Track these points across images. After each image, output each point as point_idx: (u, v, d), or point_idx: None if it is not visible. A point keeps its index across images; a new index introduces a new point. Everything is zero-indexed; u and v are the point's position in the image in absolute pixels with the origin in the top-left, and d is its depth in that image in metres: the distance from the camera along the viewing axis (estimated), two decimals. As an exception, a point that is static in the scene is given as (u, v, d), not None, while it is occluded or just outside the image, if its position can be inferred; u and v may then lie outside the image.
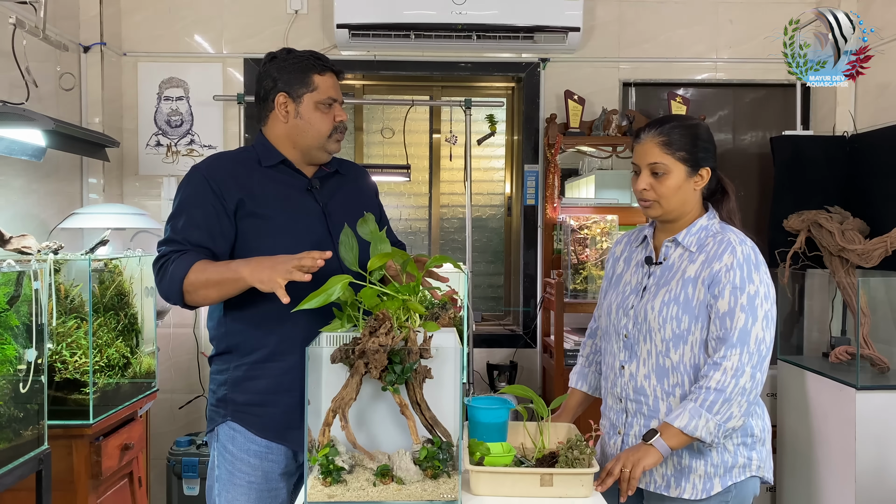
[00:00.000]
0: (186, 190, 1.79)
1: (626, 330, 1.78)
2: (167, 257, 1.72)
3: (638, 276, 1.81)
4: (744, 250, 1.68)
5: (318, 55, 1.85)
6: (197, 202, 1.76)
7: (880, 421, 2.71)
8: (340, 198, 1.89)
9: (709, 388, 1.60)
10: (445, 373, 1.53)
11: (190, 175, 1.82)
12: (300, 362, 1.68)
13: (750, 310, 1.62)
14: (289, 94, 1.81)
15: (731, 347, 1.61)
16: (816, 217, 3.08)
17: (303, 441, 1.65)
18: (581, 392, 1.99)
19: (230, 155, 1.90)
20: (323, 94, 1.81)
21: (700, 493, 1.68)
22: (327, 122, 1.82)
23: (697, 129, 1.75)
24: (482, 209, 3.93)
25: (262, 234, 1.77)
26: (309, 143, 1.83)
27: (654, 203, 1.75)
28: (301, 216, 1.81)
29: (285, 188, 1.82)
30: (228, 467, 1.79)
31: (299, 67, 1.80)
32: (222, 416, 1.81)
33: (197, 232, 1.74)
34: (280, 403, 1.77)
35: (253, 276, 1.60)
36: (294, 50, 1.86)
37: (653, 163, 1.72)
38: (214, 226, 1.75)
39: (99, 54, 3.31)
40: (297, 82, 1.80)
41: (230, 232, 1.76)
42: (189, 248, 1.72)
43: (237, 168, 1.82)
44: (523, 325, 3.69)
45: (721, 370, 1.60)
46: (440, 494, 1.40)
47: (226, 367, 1.82)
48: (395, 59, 3.63)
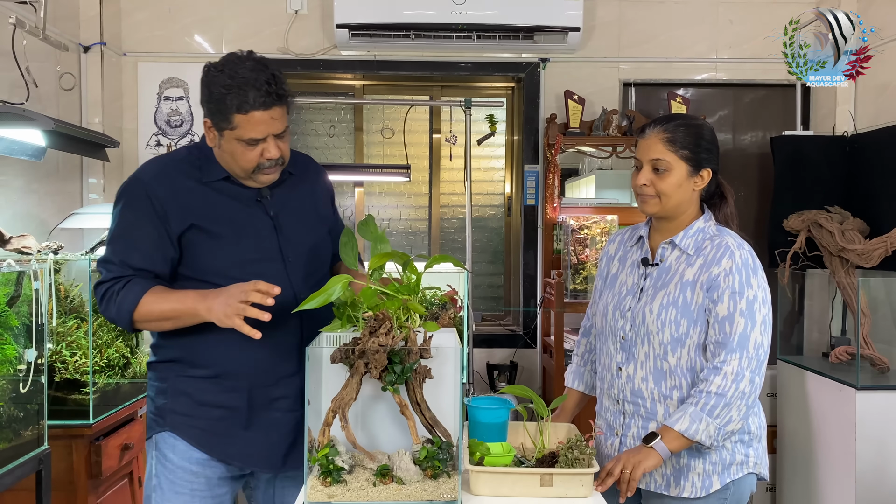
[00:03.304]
0: (127, 209, 1.68)
1: (624, 332, 1.77)
2: (109, 285, 1.65)
3: (634, 277, 1.81)
4: (742, 255, 1.68)
5: (254, 86, 1.57)
6: (138, 223, 1.66)
7: (880, 421, 2.71)
8: (293, 205, 1.78)
9: (709, 393, 1.61)
10: (445, 373, 1.53)
11: (131, 189, 1.69)
12: (248, 384, 1.70)
13: (749, 314, 1.63)
14: (212, 122, 1.64)
15: (730, 352, 1.62)
16: (816, 217, 3.08)
17: (245, 459, 1.72)
18: (578, 392, 1.99)
19: (174, 165, 1.72)
20: (245, 134, 1.60)
21: (699, 490, 1.69)
22: (251, 160, 1.64)
23: (702, 130, 1.75)
24: (482, 209, 3.93)
25: (209, 251, 1.67)
26: (236, 172, 1.70)
27: (652, 199, 1.74)
28: (249, 232, 1.71)
29: (231, 201, 1.71)
30: (169, 476, 1.71)
31: (218, 105, 1.59)
32: (160, 425, 1.72)
33: (138, 255, 1.65)
34: (223, 422, 1.70)
35: (210, 314, 1.56)
36: (234, 71, 1.59)
37: (655, 159, 1.72)
38: (157, 250, 1.66)
39: (99, 54, 3.31)
40: (218, 115, 1.61)
41: (172, 254, 1.67)
42: (131, 275, 1.64)
43: (181, 181, 1.69)
44: (523, 325, 3.69)
45: (721, 374, 1.61)
46: (440, 494, 1.40)
47: (166, 375, 1.73)
48: (395, 59, 3.63)
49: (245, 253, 1.69)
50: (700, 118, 1.83)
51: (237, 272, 1.64)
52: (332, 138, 3.90)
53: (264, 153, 1.62)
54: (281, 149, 1.65)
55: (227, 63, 1.61)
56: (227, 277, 1.63)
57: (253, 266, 1.68)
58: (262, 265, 1.69)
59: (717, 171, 1.78)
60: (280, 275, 1.69)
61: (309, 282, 1.74)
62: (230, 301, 1.52)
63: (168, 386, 1.72)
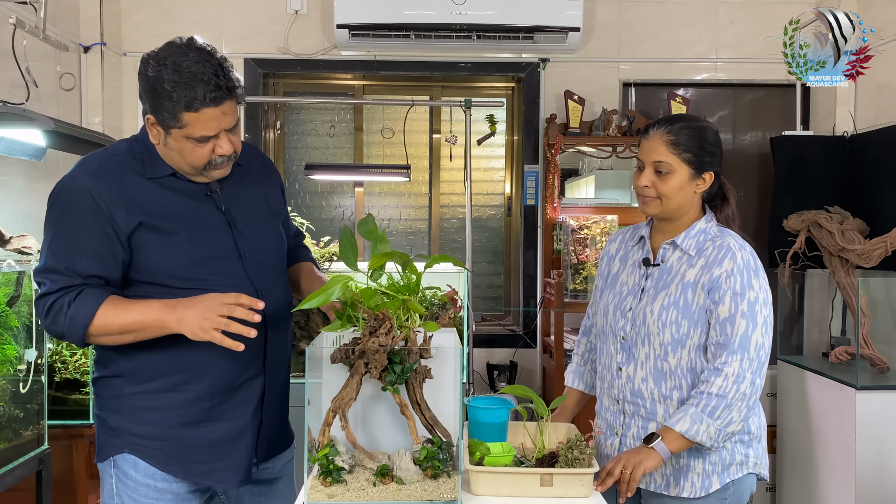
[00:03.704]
0: (68, 210, 1.52)
1: (624, 332, 1.77)
2: (57, 296, 1.49)
3: (635, 278, 1.81)
4: (743, 256, 1.68)
5: (202, 80, 1.45)
6: (83, 223, 1.50)
7: (880, 421, 2.71)
8: (244, 199, 1.67)
9: (710, 394, 1.61)
10: (445, 373, 1.53)
11: (69, 188, 1.53)
12: (209, 391, 1.57)
13: (750, 316, 1.63)
14: (156, 119, 1.50)
15: (732, 353, 1.62)
16: (816, 217, 3.08)
17: (210, 476, 1.61)
18: (578, 391, 1.99)
19: (115, 160, 1.57)
20: (195, 133, 1.49)
21: (699, 490, 1.69)
22: (202, 157, 1.52)
23: (706, 132, 1.74)
24: (482, 209, 3.93)
25: (161, 251, 1.54)
26: (183, 169, 1.57)
27: (653, 200, 1.74)
28: (203, 228, 1.59)
29: (181, 197, 1.58)
30: (132, 494, 1.58)
31: (164, 103, 1.47)
32: (118, 447, 1.58)
33: (85, 260, 1.50)
34: (184, 438, 1.58)
35: (182, 327, 1.45)
36: (178, 65, 1.45)
37: (658, 161, 1.71)
38: (106, 251, 1.51)
39: (99, 54, 3.31)
40: (163, 113, 1.48)
41: (124, 256, 1.53)
42: (80, 284, 1.50)
43: (124, 176, 1.54)
44: (523, 325, 3.69)
45: (722, 376, 1.61)
46: (440, 494, 1.40)
47: (118, 393, 1.59)
48: (395, 59, 3.63)
49: (200, 251, 1.57)
50: (704, 120, 1.82)
51: (193, 272, 1.56)
52: (332, 138, 3.90)
53: (216, 149, 1.52)
54: (233, 143, 1.55)
55: (169, 55, 1.47)
56: (182, 278, 1.55)
57: (209, 264, 1.58)
58: (219, 263, 1.59)
59: (720, 173, 1.78)
60: (238, 272, 1.61)
61: (269, 278, 1.66)
62: (208, 314, 1.43)
63: (123, 404, 1.58)
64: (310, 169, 3.21)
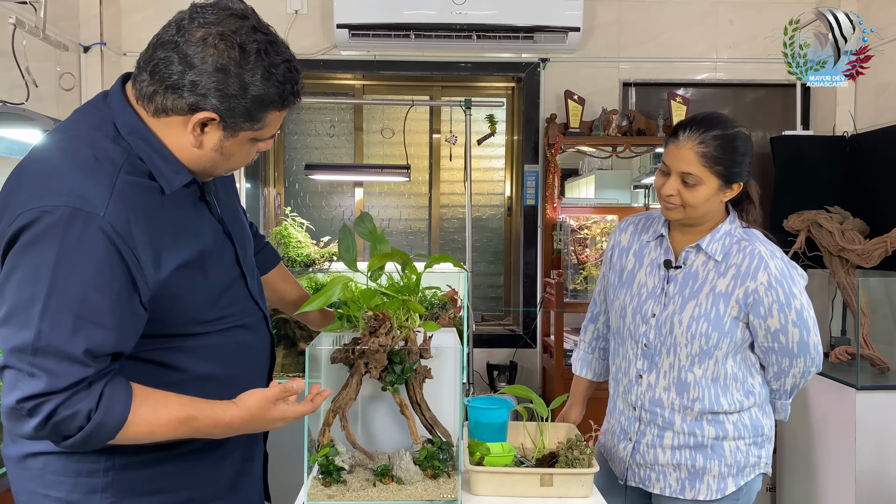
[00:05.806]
0: (76, 262, 1.06)
1: (647, 339, 1.72)
2: (65, 396, 1.05)
3: (655, 279, 1.74)
4: (776, 264, 1.64)
5: (294, 76, 1.20)
6: (100, 281, 1.07)
7: (880, 421, 2.71)
8: (225, 200, 1.40)
9: (786, 391, 1.77)
10: (445, 373, 1.54)
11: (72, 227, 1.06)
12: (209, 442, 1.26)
13: (801, 323, 1.65)
14: (223, 121, 1.17)
15: (794, 358, 1.68)
16: (816, 217, 3.08)
17: None
18: (587, 380, 1.99)
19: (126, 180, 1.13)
20: (268, 133, 1.24)
21: (714, 493, 1.69)
22: (248, 158, 1.27)
23: (737, 142, 1.63)
24: (482, 209, 3.93)
25: (188, 294, 1.22)
26: (211, 172, 1.27)
27: (677, 208, 1.67)
28: (214, 248, 1.29)
29: (186, 210, 1.25)
30: None
31: (254, 100, 1.16)
32: None
33: (101, 332, 1.08)
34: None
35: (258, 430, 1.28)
36: (272, 56, 1.16)
37: (686, 172, 1.62)
38: (126, 317, 1.11)
39: (99, 54, 3.31)
40: (242, 114, 1.17)
41: (145, 315, 1.15)
42: (104, 369, 1.10)
43: (143, 199, 1.15)
44: (523, 325, 3.69)
45: (790, 376, 1.72)
46: (440, 494, 1.40)
47: (96, 468, 1.19)
48: (395, 59, 3.63)
49: (218, 280, 1.27)
50: (736, 123, 1.67)
51: (211, 313, 1.26)
52: (332, 138, 3.90)
53: (261, 147, 1.26)
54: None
55: (252, 40, 1.15)
56: (199, 323, 1.24)
57: (224, 298, 1.28)
58: (231, 292, 1.31)
59: (748, 180, 1.72)
60: (244, 296, 1.36)
61: (260, 288, 1.46)
62: (275, 424, 1.24)
63: (104, 482, 1.19)
64: (310, 169, 3.21)
